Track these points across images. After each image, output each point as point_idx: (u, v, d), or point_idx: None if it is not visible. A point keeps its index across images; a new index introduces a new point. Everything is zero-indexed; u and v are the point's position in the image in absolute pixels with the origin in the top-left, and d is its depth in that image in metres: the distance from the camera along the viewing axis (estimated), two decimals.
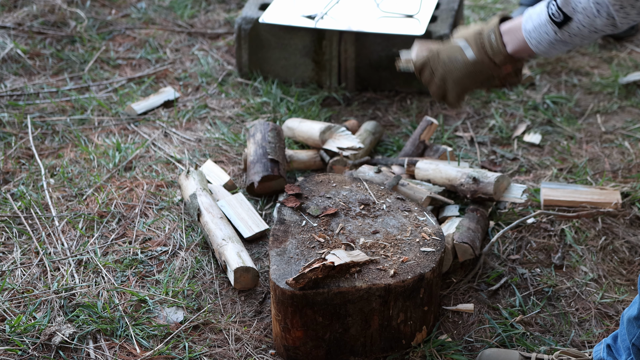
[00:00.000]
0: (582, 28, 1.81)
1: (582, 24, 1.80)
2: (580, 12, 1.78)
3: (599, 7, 1.75)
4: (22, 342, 2.18)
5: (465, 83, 1.99)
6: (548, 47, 1.89)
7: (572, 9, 1.79)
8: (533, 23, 1.89)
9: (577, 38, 1.84)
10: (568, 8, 1.80)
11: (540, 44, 1.89)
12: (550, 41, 1.87)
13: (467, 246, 2.41)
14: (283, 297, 2.08)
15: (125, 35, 3.79)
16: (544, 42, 1.88)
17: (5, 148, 2.98)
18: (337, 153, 2.82)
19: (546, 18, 1.85)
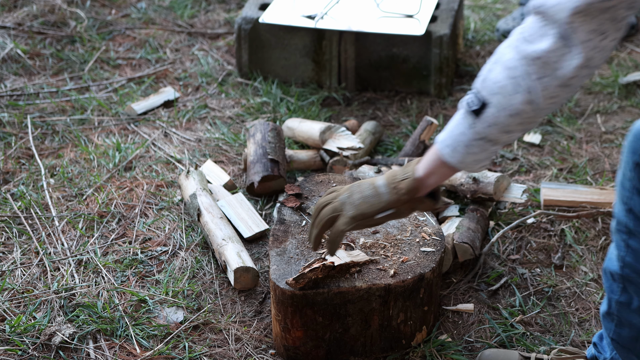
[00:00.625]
0: (500, 112, 1.61)
1: (499, 107, 1.61)
2: (496, 92, 1.61)
3: (516, 82, 1.58)
4: (22, 342, 2.18)
5: (362, 206, 1.85)
6: (465, 153, 1.70)
7: (489, 92, 1.62)
8: (447, 128, 1.72)
9: (495, 129, 1.63)
10: (485, 91, 1.63)
11: (456, 150, 1.71)
12: (466, 143, 1.69)
13: (467, 246, 2.41)
14: (283, 297, 2.08)
15: (125, 35, 3.79)
16: (460, 146, 1.70)
17: (5, 148, 2.98)
18: (337, 153, 2.82)
19: (462, 113, 1.68)
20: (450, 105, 3.31)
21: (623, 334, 1.93)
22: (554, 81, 1.56)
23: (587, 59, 1.53)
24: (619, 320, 1.92)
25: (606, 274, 1.91)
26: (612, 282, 1.90)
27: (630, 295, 1.87)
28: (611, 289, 1.90)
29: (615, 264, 1.87)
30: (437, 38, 3.25)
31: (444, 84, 3.33)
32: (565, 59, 1.53)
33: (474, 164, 1.74)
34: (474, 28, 3.89)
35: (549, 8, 1.52)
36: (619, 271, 1.85)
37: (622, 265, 1.84)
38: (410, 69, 3.35)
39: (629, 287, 1.86)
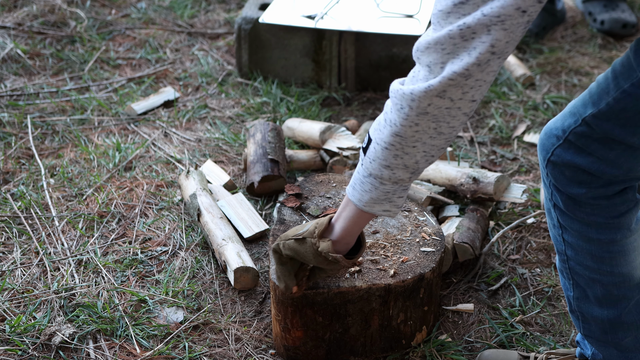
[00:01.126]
0: (377, 147, 1.68)
1: (376, 141, 1.68)
2: (376, 128, 1.69)
3: (385, 116, 1.67)
4: (22, 342, 2.18)
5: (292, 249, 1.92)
6: (361, 190, 1.75)
7: (373, 129, 1.70)
8: (354, 171, 1.79)
9: (376, 164, 1.69)
10: (371, 129, 1.72)
11: (355, 189, 1.77)
12: (360, 180, 1.75)
13: (467, 246, 2.41)
14: (283, 297, 2.08)
15: (125, 35, 3.79)
16: (357, 184, 1.76)
17: (5, 148, 2.98)
18: (337, 153, 2.82)
19: (360, 154, 1.77)
20: None
21: (592, 328, 1.95)
22: (412, 111, 1.61)
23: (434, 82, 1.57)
24: (583, 315, 1.94)
25: (559, 272, 1.94)
26: (564, 279, 1.94)
27: (582, 289, 1.90)
28: (565, 287, 1.95)
29: (558, 260, 1.91)
30: None
31: None
32: (417, 85, 1.60)
33: (373, 204, 1.76)
34: None
35: (414, 52, 1.62)
36: (565, 265, 1.89)
37: (565, 259, 1.89)
38: (410, 69, 3.34)
39: (579, 280, 1.89)
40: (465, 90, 1.57)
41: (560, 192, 1.79)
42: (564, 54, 3.73)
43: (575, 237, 1.84)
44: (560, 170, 1.77)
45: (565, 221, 1.83)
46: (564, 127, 1.75)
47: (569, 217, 1.82)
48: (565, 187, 1.77)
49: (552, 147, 1.77)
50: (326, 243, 1.86)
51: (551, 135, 1.77)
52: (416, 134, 1.65)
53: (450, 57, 1.54)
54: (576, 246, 1.84)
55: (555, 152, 1.76)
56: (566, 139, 1.74)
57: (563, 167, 1.76)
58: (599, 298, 1.88)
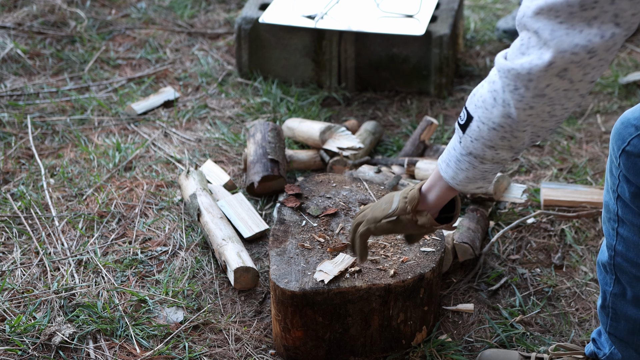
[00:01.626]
0: (482, 126, 1.59)
1: (481, 120, 1.59)
2: (480, 106, 1.59)
3: (495, 95, 1.55)
4: (22, 342, 2.18)
5: (376, 212, 1.90)
6: (456, 168, 1.69)
7: (474, 106, 1.60)
8: (447, 146, 1.73)
9: (479, 143, 1.61)
10: (471, 106, 1.62)
11: (449, 165, 1.71)
12: (457, 158, 1.68)
13: (467, 246, 2.41)
14: (283, 297, 2.08)
15: (125, 35, 3.79)
16: (452, 161, 1.70)
17: (5, 148, 2.98)
18: (337, 153, 2.82)
19: (456, 128, 1.68)
20: (450, 105, 3.31)
21: (619, 327, 1.93)
22: (528, 92, 1.50)
23: (555, 58, 1.44)
24: (614, 312, 1.93)
25: (599, 266, 1.92)
26: (604, 274, 1.91)
27: (623, 286, 1.88)
28: (605, 281, 1.92)
29: (605, 254, 1.88)
30: (437, 38, 3.25)
31: (444, 84, 3.33)
32: (533, 62, 1.46)
33: (467, 183, 1.71)
34: (474, 28, 3.89)
35: (520, 18, 1.48)
36: (610, 260, 1.87)
37: (612, 254, 1.86)
38: (410, 69, 3.35)
39: (622, 277, 1.87)
40: (587, 70, 1.43)
41: (630, 183, 1.75)
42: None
43: (631, 232, 1.80)
44: (634, 162, 1.72)
45: (626, 214, 1.78)
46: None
47: (630, 211, 1.78)
48: (636, 179, 1.73)
49: (630, 137, 1.71)
50: (426, 217, 1.81)
51: (629, 124, 1.72)
52: (529, 117, 1.54)
53: (565, 27, 1.38)
54: (631, 242, 1.80)
55: (632, 142, 1.71)
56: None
57: (638, 159, 1.71)
58: (637, 297, 1.86)
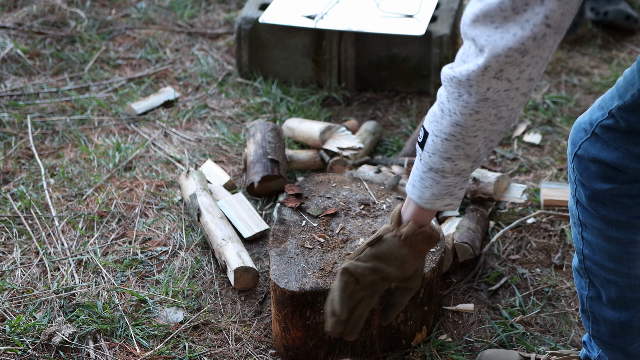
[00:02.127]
0: (435, 139, 1.65)
1: (434, 134, 1.65)
2: (432, 121, 1.66)
3: (442, 106, 1.62)
4: (22, 342, 2.18)
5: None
6: (421, 187, 1.73)
7: (429, 122, 1.67)
8: (412, 169, 1.77)
9: (436, 157, 1.66)
10: (426, 122, 1.69)
11: (415, 186, 1.75)
12: (420, 176, 1.72)
13: (467, 246, 2.41)
14: (283, 297, 2.08)
15: (125, 35, 3.79)
16: (416, 181, 1.74)
17: (5, 148, 2.99)
18: (337, 153, 2.82)
19: (417, 149, 1.73)
20: None
21: (601, 330, 1.94)
22: (471, 97, 1.56)
23: (489, 61, 1.49)
24: (593, 316, 1.94)
25: (574, 271, 1.94)
26: (579, 278, 1.93)
27: (597, 289, 1.89)
28: (580, 286, 1.93)
29: (576, 259, 1.90)
30: (437, 38, 3.25)
31: None
32: (470, 69, 1.52)
33: (434, 200, 1.74)
34: None
35: (461, 27, 1.53)
36: (581, 264, 1.88)
37: (582, 258, 1.87)
38: (410, 69, 3.35)
39: (594, 280, 1.88)
40: (522, 68, 1.50)
41: (585, 187, 1.77)
42: (564, 54, 3.72)
43: (594, 236, 1.82)
44: (585, 165, 1.75)
45: (586, 218, 1.80)
46: (592, 120, 1.73)
47: (590, 215, 1.80)
48: (590, 182, 1.75)
49: (580, 141, 1.75)
50: (408, 225, 1.80)
51: (579, 129, 1.76)
52: (477, 122, 1.60)
53: (500, 31, 1.46)
54: (595, 245, 1.82)
55: (582, 146, 1.74)
56: (593, 132, 1.72)
57: (589, 162, 1.74)
58: (612, 300, 1.87)
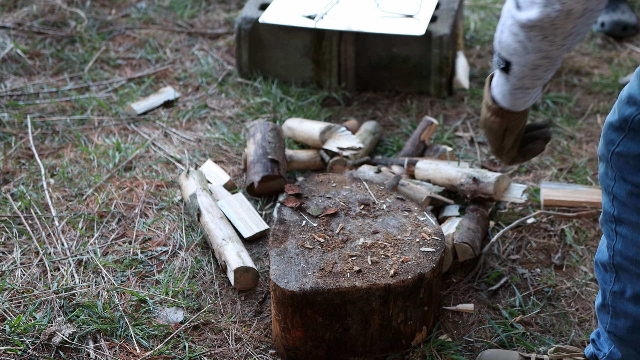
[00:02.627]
0: (523, 68, 1.77)
1: (520, 64, 1.76)
2: (513, 53, 1.75)
3: (524, 45, 1.71)
4: (22, 342, 2.18)
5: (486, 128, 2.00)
6: (511, 98, 1.87)
7: (508, 53, 1.76)
8: (494, 81, 1.89)
9: (528, 79, 1.80)
10: (504, 53, 1.77)
11: (505, 97, 1.87)
12: (510, 92, 1.85)
13: (467, 246, 2.41)
14: (283, 297, 2.08)
15: (125, 35, 3.79)
16: (506, 94, 1.86)
17: (5, 148, 2.99)
18: (337, 153, 2.82)
19: (497, 71, 1.84)
20: (450, 105, 3.31)
21: (619, 325, 1.94)
22: (557, 37, 1.68)
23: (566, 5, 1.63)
24: (614, 310, 1.94)
25: (597, 266, 1.94)
26: (604, 272, 1.93)
27: (623, 284, 1.90)
28: (604, 280, 1.94)
29: (605, 254, 1.91)
30: (437, 38, 3.25)
31: (444, 84, 3.33)
32: (552, 15, 1.65)
33: (526, 104, 1.89)
34: (474, 28, 3.89)
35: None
36: (610, 260, 1.89)
37: (612, 254, 1.89)
38: (410, 69, 3.35)
39: (622, 275, 1.89)
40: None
41: (626, 182, 1.80)
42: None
43: (630, 230, 1.84)
44: (625, 161, 1.78)
45: (624, 213, 1.84)
46: (625, 117, 1.76)
47: (628, 209, 1.83)
48: (631, 177, 1.79)
49: (618, 139, 1.78)
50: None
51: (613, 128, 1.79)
52: (563, 48, 1.72)
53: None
54: (629, 239, 1.85)
55: (621, 143, 1.78)
56: (630, 128, 1.75)
57: (629, 158, 1.77)
58: (637, 295, 1.88)
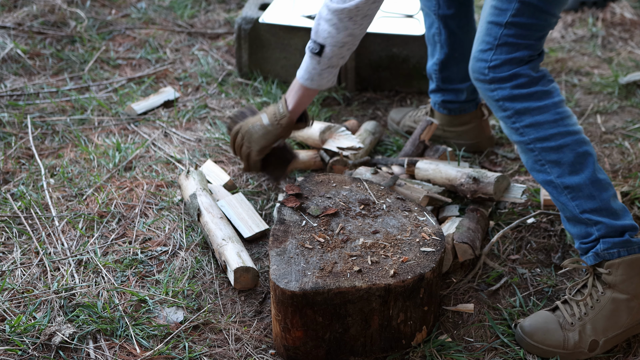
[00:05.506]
0: (334, 48, 2.30)
1: (332, 45, 2.30)
2: (327, 37, 2.29)
3: (337, 26, 2.27)
4: (22, 342, 2.18)
5: (262, 142, 2.46)
6: (319, 79, 2.37)
7: (323, 38, 2.29)
8: (303, 66, 2.38)
9: (335, 58, 2.33)
10: (319, 39, 2.31)
11: (313, 80, 2.37)
12: (319, 73, 2.36)
13: (467, 246, 2.41)
14: (283, 297, 2.08)
15: (125, 35, 3.79)
16: (314, 76, 2.36)
17: (5, 148, 2.99)
18: (337, 153, 2.82)
19: (309, 55, 2.34)
20: None
21: (582, 202, 2.21)
22: (358, 17, 2.26)
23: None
24: (571, 191, 2.20)
25: (535, 173, 2.25)
26: (541, 174, 2.23)
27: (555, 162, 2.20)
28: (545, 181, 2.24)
29: (530, 159, 2.24)
30: None
31: None
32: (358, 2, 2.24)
33: (328, 83, 2.40)
34: None
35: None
36: (534, 154, 2.22)
37: (532, 147, 2.23)
38: (410, 69, 3.35)
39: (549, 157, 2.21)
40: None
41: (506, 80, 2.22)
42: (564, 54, 3.73)
43: (527, 116, 2.20)
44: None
45: (515, 106, 2.21)
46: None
47: (516, 100, 2.20)
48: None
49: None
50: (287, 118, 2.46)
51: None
52: (362, 28, 2.31)
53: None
54: (533, 123, 2.19)
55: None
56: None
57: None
58: (571, 163, 2.17)
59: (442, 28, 2.84)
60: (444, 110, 2.96)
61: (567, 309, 2.21)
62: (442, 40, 2.85)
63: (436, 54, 2.89)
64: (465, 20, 2.83)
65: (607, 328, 2.18)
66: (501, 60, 2.21)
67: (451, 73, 2.89)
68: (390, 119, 3.16)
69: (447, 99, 2.94)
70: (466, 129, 2.97)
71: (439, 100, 2.96)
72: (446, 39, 2.84)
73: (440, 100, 2.96)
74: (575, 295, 2.23)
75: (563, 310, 2.21)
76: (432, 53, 2.91)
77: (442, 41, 2.86)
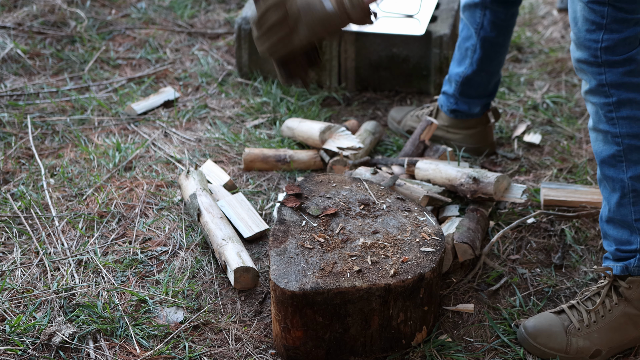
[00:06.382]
0: None
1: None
2: None
3: None
4: (22, 342, 2.18)
5: (317, 30, 2.00)
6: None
7: None
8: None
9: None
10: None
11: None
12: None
13: (467, 246, 2.41)
14: (283, 297, 2.08)
15: (125, 35, 3.79)
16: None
17: (5, 148, 2.99)
18: (337, 153, 2.82)
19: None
20: None
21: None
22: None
23: None
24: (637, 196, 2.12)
25: (611, 167, 2.13)
26: (618, 172, 2.12)
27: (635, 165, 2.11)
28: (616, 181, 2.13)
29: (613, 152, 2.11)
30: (437, 38, 3.25)
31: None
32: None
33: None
34: None
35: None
36: (619, 147, 2.11)
37: (619, 141, 2.11)
38: (410, 69, 3.35)
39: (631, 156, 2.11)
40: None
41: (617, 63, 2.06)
42: (564, 54, 3.72)
43: (628, 108, 2.07)
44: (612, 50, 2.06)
45: (620, 94, 2.07)
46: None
47: (623, 88, 2.06)
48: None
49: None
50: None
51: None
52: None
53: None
54: (631, 117, 2.08)
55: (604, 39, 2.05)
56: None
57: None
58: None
59: (478, 47, 2.79)
60: (451, 114, 2.95)
61: (575, 314, 2.19)
62: (475, 58, 2.81)
63: (464, 66, 2.84)
64: (503, 41, 2.79)
65: (613, 339, 2.17)
66: (614, 40, 2.04)
67: (472, 89, 2.86)
68: (391, 118, 3.15)
69: (459, 109, 2.93)
70: (470, 132, 2.96)
71: (450, 106, 2.94)
72: (479, 59, 2.80)
73: (452, 108, 2.94)
74: (585, 302, 2.21)
75: (570, 315, 2.19)
76: (459, 62, 2.86)
77: (474, 59, 2.81)
